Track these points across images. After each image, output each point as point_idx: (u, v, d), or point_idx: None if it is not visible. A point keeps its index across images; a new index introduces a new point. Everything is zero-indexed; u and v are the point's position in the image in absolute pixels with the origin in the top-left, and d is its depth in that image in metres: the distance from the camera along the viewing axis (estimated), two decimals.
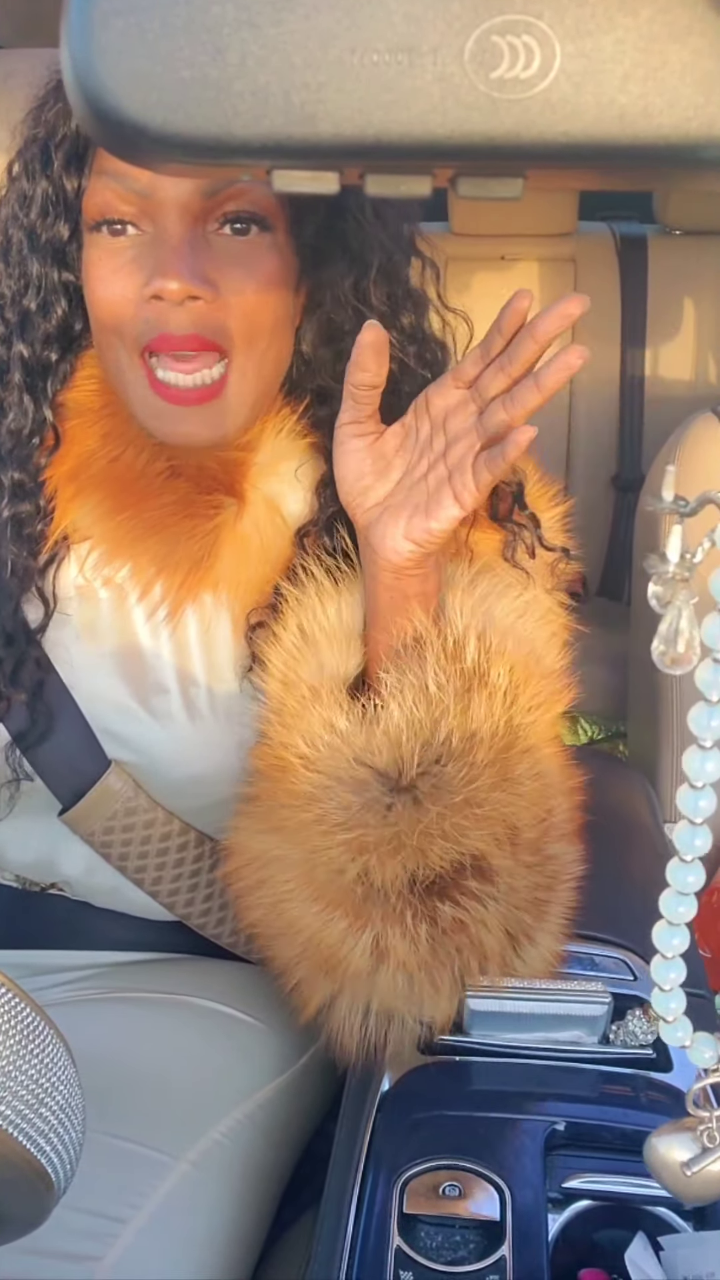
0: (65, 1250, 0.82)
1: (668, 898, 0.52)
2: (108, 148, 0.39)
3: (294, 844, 0.82)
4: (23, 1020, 0.53)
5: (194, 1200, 0.88)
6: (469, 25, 0.35)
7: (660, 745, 1.56)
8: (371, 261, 0.92)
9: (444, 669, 0.80)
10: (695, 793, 0.49)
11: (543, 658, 0.86)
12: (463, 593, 0.85)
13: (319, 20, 0.35)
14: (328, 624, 0.86)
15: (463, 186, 0.39)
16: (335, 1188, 0.77)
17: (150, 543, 0.94)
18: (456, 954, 0.81)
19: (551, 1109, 0.81)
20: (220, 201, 0.84)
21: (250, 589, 0.94)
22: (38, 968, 1.08)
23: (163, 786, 0.99)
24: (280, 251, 0.88)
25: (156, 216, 0.84)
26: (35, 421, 0.94)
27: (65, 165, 0.88)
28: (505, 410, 0.75)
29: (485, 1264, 0.71)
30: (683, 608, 0.47)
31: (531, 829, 0.82)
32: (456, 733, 0.79)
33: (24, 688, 0.96)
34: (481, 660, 0.81)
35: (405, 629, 0.82)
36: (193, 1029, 1.03)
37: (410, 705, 0.79)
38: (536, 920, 0.84)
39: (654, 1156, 0.57)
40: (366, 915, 0.81)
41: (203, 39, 0.36)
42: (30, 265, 0.92)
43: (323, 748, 0.80)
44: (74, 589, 0.97)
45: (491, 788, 0.79)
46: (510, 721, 0.80)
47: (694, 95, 0.36)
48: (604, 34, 0.35)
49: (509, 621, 0.85)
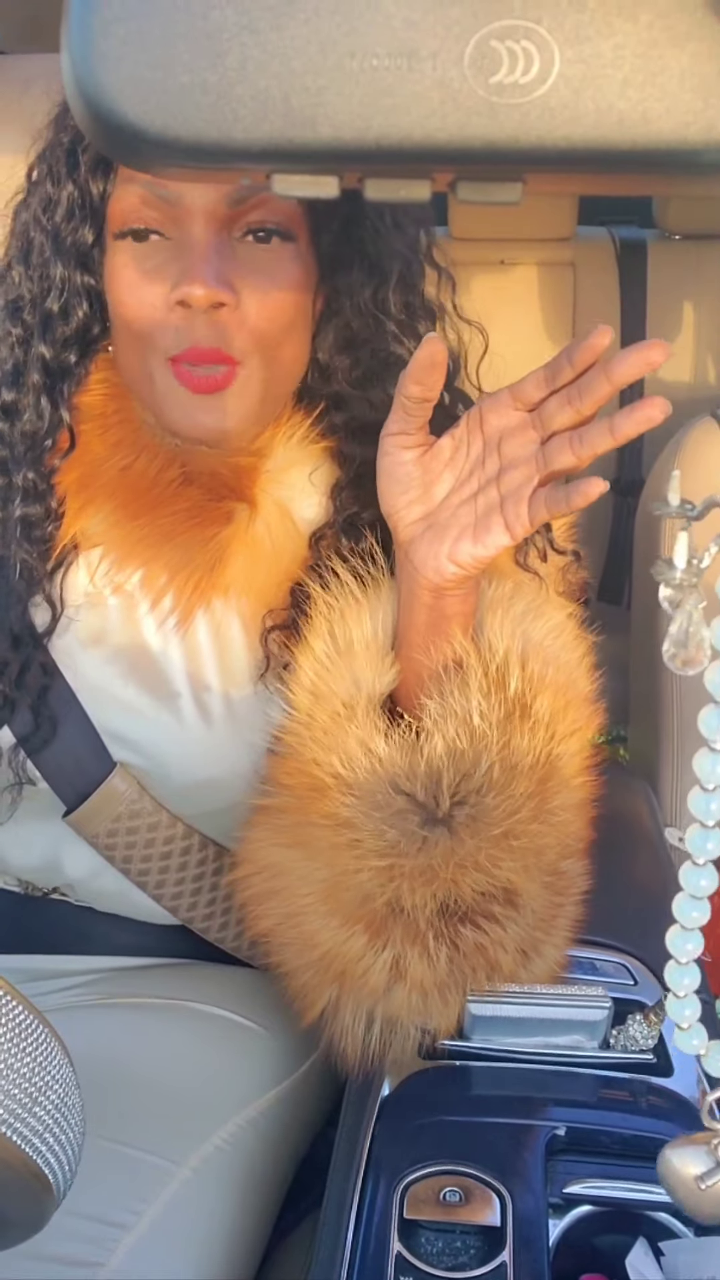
0: (66, 1256, 0.81)
1: (681, 902, 0.52)
2: (108, 152, 0.39)
3: (321, 863, 0.81)
4: (14, 1018, 0.52)
5: (195, 1206, 0.88)
6: (468, 30, 0.35)
7: (661, 749, 1.56)
8: (391, 270, 0.92)
9: (488, 699, 0.78)
10: (706, 795, 0.49)
11: (577, 682, 0.85)
12: (502, 613, 0.83)
13: (318, 25, 0.35)
14: (362, 634, 0.84)
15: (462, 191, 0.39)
16: (335, 1193, 0.77)
17: (163, 550, 0.94)
18: (471, 973, 0.81)
19: (552, 1114, 0.81)
20: (245, 210, 0.85)
21: (263, 593, 0.94)
22: (40, 973, 1.07)
23: (171, 791, 0.99)
24: (302, 260, 0.89)
25: (182, 223, 0.85)
26: (52, 423, 0.94)
27: (91, 170, 0.89)
28: (574, 451, 0.72)
29: (486, 1270, 0.71)
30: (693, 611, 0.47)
31: (553, 850, 0.81)
32: (498, 765, 0.77)
33: (29, 692, 0.96)
34: (524, 690, 0.79)
35: (445, 651, 0.81)
36: (195, 1035, 1.03)
37: (453, 736, 0.77)
38: (547, 935, 0.83)
39: (667, 1170, 0.56)
40: (387, 934, 0.80)
41: (202, 44, 0.36)
42: (53, 268, 0.92)
43: (360, 770, 0.78)
44: (83, 596, 0.97)
45: (530, 819, 0.78)
46: (550, 753, 0.79)
47: (693, 100, 0.36)
48: (603, 39, 0.35)
49: (547, 644, 0.84)
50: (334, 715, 0.81)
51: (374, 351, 0.93)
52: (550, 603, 0.89)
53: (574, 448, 0.72)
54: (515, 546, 0.93)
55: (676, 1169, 0.56)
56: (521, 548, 0.94)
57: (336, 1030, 0.84)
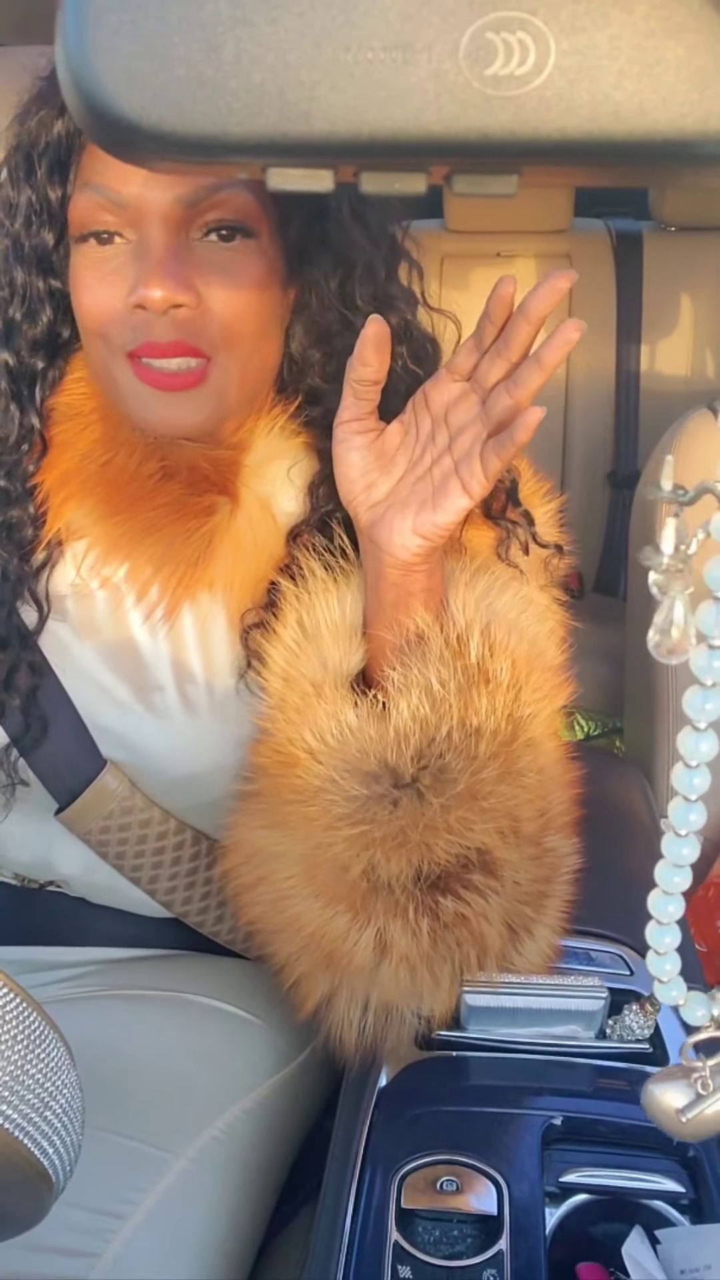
0: (64, 1246, 0.82)
1: (663, 869, 0.54)
2: (102, 145, 0.39)
3: (297, 839, 0.82)
4: (30, 1026, 0.53)
5: (192, 1196, 0.89)
6: (463, 22, 0.35)
7: (656, 740, 1.56)
8: (355, 261, 0.92)
9: (447, 665, 0.80)
10: (690, 771, 0.52)
11: (544, 652, 0.86)
12: (465, 588, 0.85)
13: (313, 18, 0.35)
14: (329, 619, 0.86)
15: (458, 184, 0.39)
16: (333, 1183, 0.77)
17: (146, 544, 0.94)
18: (457, 947, 0.81)
19: (548, 1104, 0.82)
20: (202, 210, 0.84)
21: (245, 588, 0.95)
22: (36, 964, 1.08)
23: (159, 785, 0.99)
24: (265, 256, 0.88)
25: (139, 226, 0.85)
26: (22, 429, 0.95)
27: (49, 174, 0.88)
28: (509, 394, 0.75)
29: (483, 1258, 0.71)
30: (678, 598, 0.47)
31: (532, 822, 0.82)
32: (458, 728, 0.79)
33: (19, 692, 0.96)
34: (485, 656, 0.81)
35: (408, 626, 0.82)
36: (191, 1026, 1.03)
37: (416, 703, 0.79)
38: (537, 913, 0.84)
39: (651, 1101, 0.59)
40: (369, 910, 0.81)
41: (197, 37, 0.36)
42: (15, 273, 0.92)
43: (331, 740, 0.80)
44: (69, 588, 0.97)
45: (497, 780, 0.79)
46: (512, 715, 0.80)
47: (689, 91, 0.36)
48: (599, 30, 0.35)
49: (511, 616, 0.85)
50: (304, 695, 0.83)
51: (345, 345, 0.93)
52: (520, 580, 0.90)
53: (509, 390, 0.75)
54: (498, 541, 0.94)
55: (659, 1100, 0.59)
56: (504, 541, 0.94)
57: (333, 1019, 0.84)
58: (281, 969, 0.86)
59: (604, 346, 2.27)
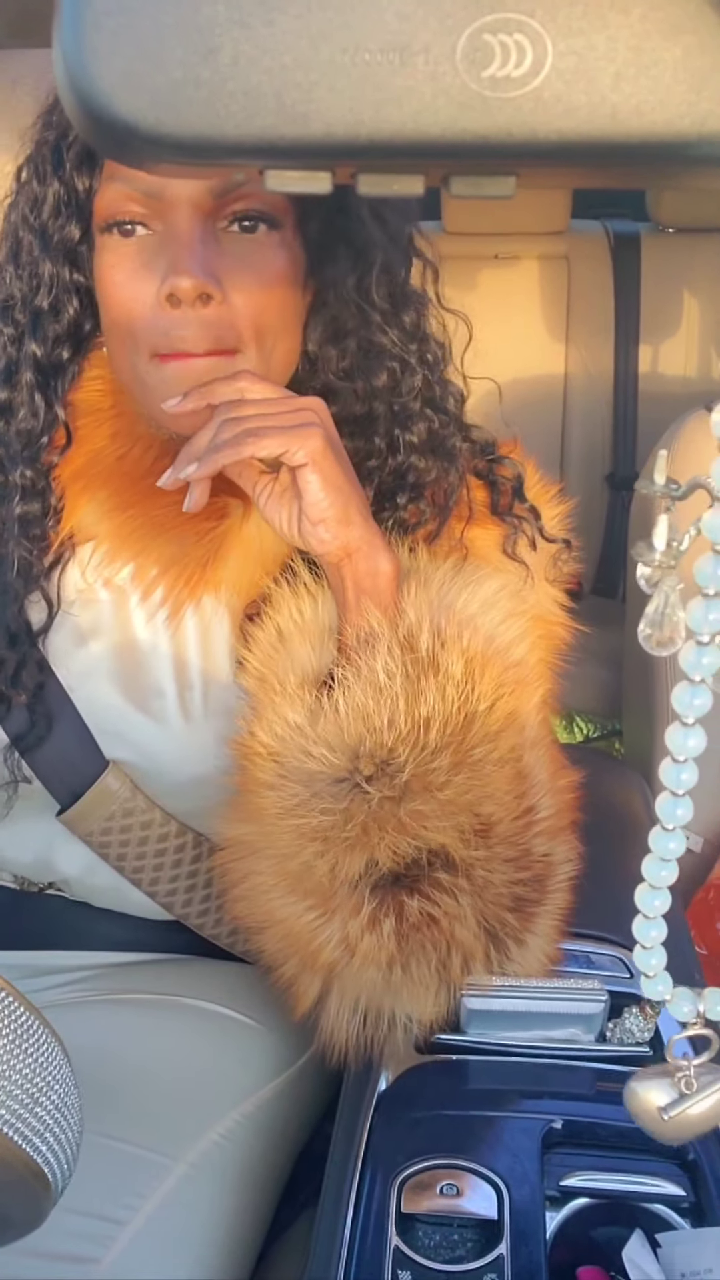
0: (63, 1252, 0.82)
1: (649, 863, 0.55)
2: (99, 148, 0.39)
3: (265, 832, 0.83)
4: (16, 1019, 0.53)
5: (192, 1201, 0.88)
6: (460, 24, 0.35)
7: (655, 742, 1.56)
8: (374, 259, 0.92)
9: (395, 658, 0.81)
10: (677, 766, 0.52)
11: (505, 649, 0.86)
12: (417, 587, 0.86)
13: (310, 20, 0.35)
14: (302, 622, 0.87)
15: (455, 185, 0.39)
16: (333, 1187, 0.77)
17: (157, 542, 0.94)
18: (432, 949, 0.81)
19: (548, 1107, 0.82)
20: (230, 200, 0.85)
21: (250, 591, 0.95)
22: (36, 969, 1.08)
23: (164, 788, 0.99)
24: (288, 248, 0.89)
25: (167, 216, 0.85)
26: (47, 420, 0.95)
27: (77, 166, 0.89)
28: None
29: (483, 1262, 0.71)
30: (669, 592, 0.48)
31: (507, 822, 0.82)
32: (405, 718, 0.79)
33: (25, 690, 0.96)
34: (435, 649, 0.81)
35: (362, 625, 0.83)
36: (191, 1030, 1.03)
37: (358, 696, 0.80)
38: (523, 922, 0.83)
39: (633, 1100, 0.59)
40: (334, 905, 0.82)
41: (194, 39, 0.36)
42: (42, 266, 0.92)
43: (279, 737, 0.82)
44: (75, 592, 0.97)
45: (450, 769, 0.79)
46: (464, 707, 0.80)
47: (686, 93, 0.36)
48: (596, 32, 0.35)
49: (468, 613, 0.85)
50: (270, 694, 0.84)
51: (359, 342, 0.93)
52: (489, 580, 0.90)
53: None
54: (504, 536, 0.94)
55: (641, 1099, 0.59)
56: (510, 537, 0.94)
57: (326, 1022, 0.84)
58: (271, 968, 0.87)
59: (602, 348, 2.27)
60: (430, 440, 0.95)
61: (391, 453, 0.95)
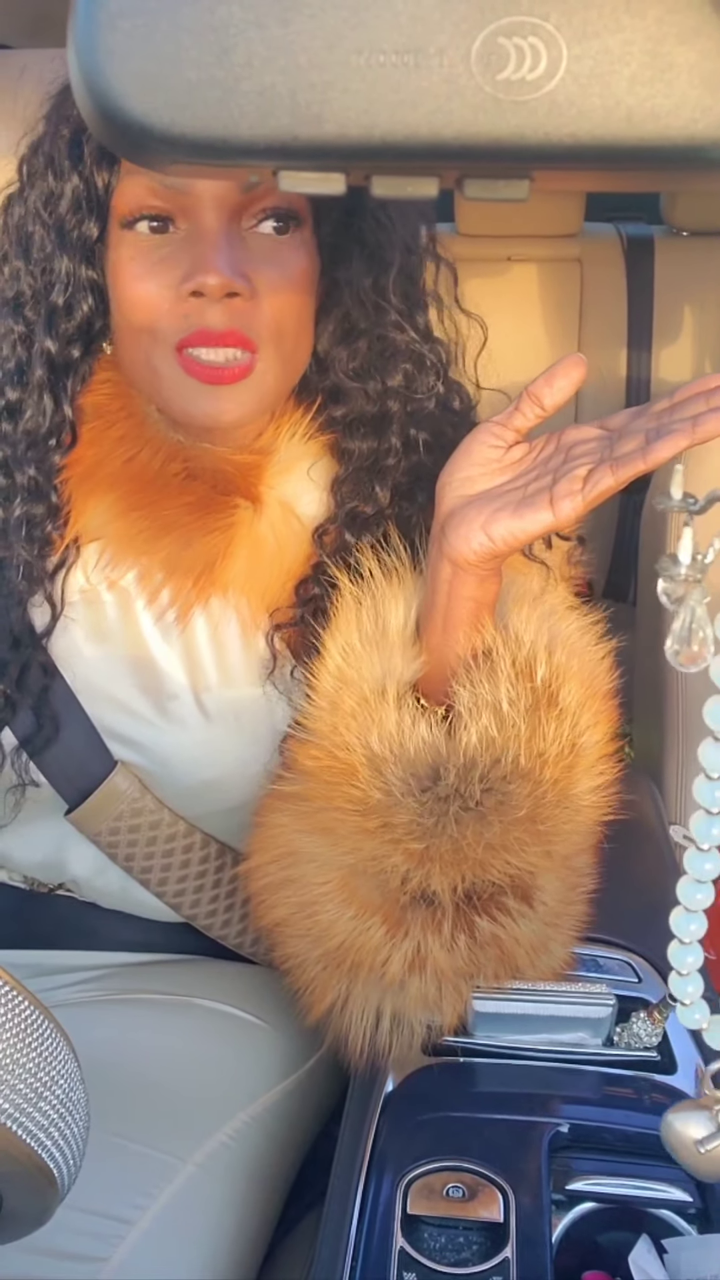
0: (71, 1250, 0.82)
1: (685, 885, 0.53)
2: (114, 148, 0.39)
3: (345, 848, 0.81)
4: (20, 1013, 0.52)
5: (199, 1202, 0.88)
6: (475, 27, 0.35)
7: (665, 746, 1.56)
8: (392, 260, 0.92)
9: (515, 687, 0.79)
10: (712, 784, 0.51)
11: (599, 676, 0.85)
12: (529, 608, 0.84)
13: (325, 21, 0.35)
14: (396, 623, 0.84)
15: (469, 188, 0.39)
16: (339, 1189, 0.77)
17: (163, 543, 0.94)
18: (487, 965, 0.81)
19: (556, 1111, 0.81)
20: (257, 196, 0.84)
21: (266, 592, 0.94)
22: (46, 968, 1.08)
23: (172, 791, 0.99)
24: (308, 248, 0.89)
25: (192, 212, 0.84)
26: (54, 421, 0.94)
27: (96, 162, 0.87)
28: (644, 460, 0.71)
29: (489, 1266, 0.71)
30: (696, 607, 0.47)
31: (573, 842, 0.82)
32: (525, 752, 0.78)
33: (30, 693, 0.96)
34: (551, 679, 0.80)
35: (475, 641, 0.81)
36: (200, 1031, 1.03)
37: (486, 724, 0.78)
38: (556, 932, 0.84)
39: (670, 1133, 0.58)
40: (406, 924, 0.80)
41: (209, 40, 0.36)
42: (57, 262, 0.91)
43: (399, 751, 0.79)
44: (78, 593, 0.97)
45: (555, 804, 0.79)
46: (575, 742, 0.80)
47: (701, 96, 0.36)
48: (611, 35, 0.35)
49: (573, 640, 0.84)
50: (362, 700, 0.81)
51: (371, 342, 0.93)
52: (575, 606, 0.89)
53: (648, 442, 0.71)
54: None
55: (679, 1132, 0.58)
56: None
57: (343, 1025, 0.84)
58: (291, 972, 0.86)
59: (614, 351, 2.26)
60: (443, 439, 0.94)
61: (407, 451, 0.95)
